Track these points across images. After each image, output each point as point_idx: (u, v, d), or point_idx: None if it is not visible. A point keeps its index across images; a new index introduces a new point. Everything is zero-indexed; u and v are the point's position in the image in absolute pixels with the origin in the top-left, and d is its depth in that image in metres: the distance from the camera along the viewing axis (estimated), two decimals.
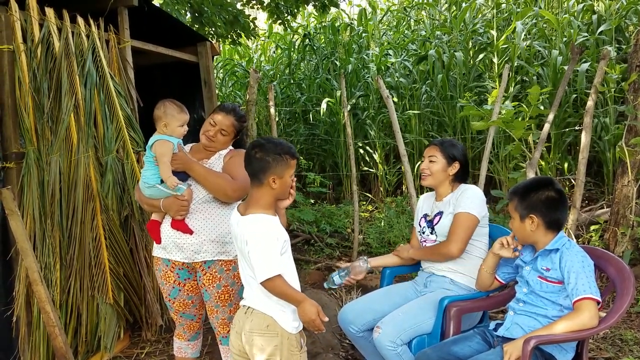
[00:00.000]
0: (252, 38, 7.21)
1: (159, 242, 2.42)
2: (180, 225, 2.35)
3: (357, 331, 2.58)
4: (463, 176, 2.69)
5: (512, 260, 2.33)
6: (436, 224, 2.65)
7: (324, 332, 1.86)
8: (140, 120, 3.58)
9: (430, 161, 2.65)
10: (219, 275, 2.39)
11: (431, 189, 2.80)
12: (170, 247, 2.40)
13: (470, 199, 2.54)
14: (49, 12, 3.15)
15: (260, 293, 1.95)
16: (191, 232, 2.35)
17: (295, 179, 2.05)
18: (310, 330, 1.90)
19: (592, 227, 4.45)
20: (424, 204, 2.83)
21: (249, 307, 1.99)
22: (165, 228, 2.41)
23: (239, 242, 1.97)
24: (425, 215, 2.76)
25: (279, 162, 1.93)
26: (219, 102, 7.59)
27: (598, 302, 1.97)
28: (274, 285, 1.85)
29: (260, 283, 1.86)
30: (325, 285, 2.65)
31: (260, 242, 1.87)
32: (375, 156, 7.32)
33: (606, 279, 3.32)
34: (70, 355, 2.80)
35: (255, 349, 1.93)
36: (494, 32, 6.67)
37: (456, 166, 2.64)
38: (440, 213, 2.65)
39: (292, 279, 1.97)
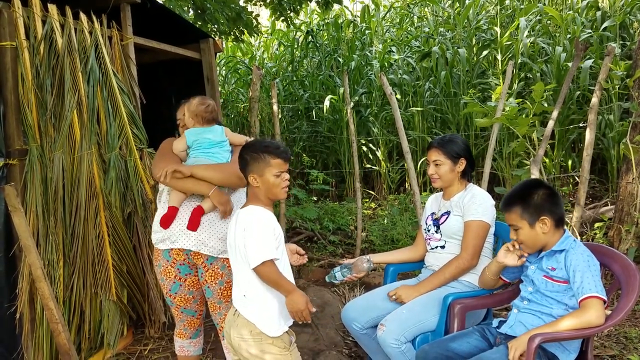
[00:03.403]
0: (255, 35, 7.20)
1: (167, 227, 2.40)
2: (197, 216, 2.37)
3: (361, 328, 2.57)
4: (470, 169, 2.68)
5: None
6: (442, 223, 2.64)
7: (309, 322, 1.93)
8: (143, 118, 3.58)
9: (436, 165, 2.63)
10: (221, 272, 2.40)
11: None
12: (176, 235, 2.39)
13: (482, 206, 2.53)
14: (52, 8, 3.15)
15: (242, 292, 2.00)
16: (195, 229, 2.36)
17: (288, 177, 2.07)
18: (302, 322, 1.93)
19: (597, 225, 4.44)
20: (432, 204, 2.83)
21: (236, 309, 2.03)
22: (181, 214, 2.41)
23: (235, 235, 1.99)
24: (432, 214, 2.75)
25: (255, 160, 2.00)
26: (222, 100, 7.59)
27: (604, 302, 1.95)
28: (267, 271, 1.89)
29: (254, 269, 1.89)
30: (326, 278, 2.65)
31: (255, 228, 1.92)
32: (379, 153, 7.31)
33: (611, 276, 3.30)
34: (74, 352, 2.80)
35: (244, 353, 1.97)
36: (497, 29, 6.65)
37: (463, 162, 2.62)
38: (448, 213, 2.64)
39: (286, 273, 2.01)
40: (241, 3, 6.56)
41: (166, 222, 2.39)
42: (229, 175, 2.40)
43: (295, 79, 8.28)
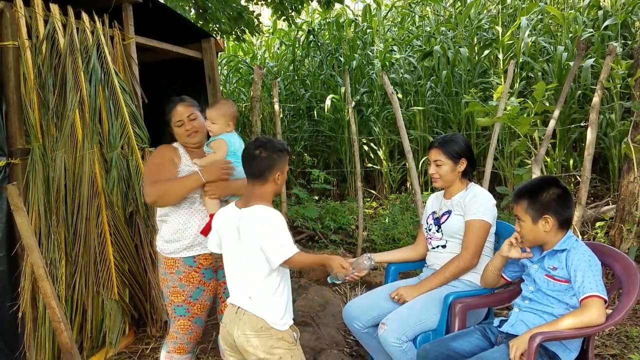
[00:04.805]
0: (256, 34, 7.20)
1: (206, 234, 2.35)
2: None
3: (362, 327, 2.58)
4: (472, 169, 2.68)
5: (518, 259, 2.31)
6: (443, 222, 2.64)
7: (350, 273, 2.09)
8: (144, 117, 3.58)
9: (437, 165, 2.63)
10: None
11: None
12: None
13: (484, 205, 2.53)
14: (54, 8, 3.15)
15: (247, 294, 2.00)
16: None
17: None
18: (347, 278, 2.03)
19: (598, 224, 4.44)
20: (433, 203, 2.83)
21: (239, 307, 2.01)
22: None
23: (241, 235, 1.99)
24: (433, 213, 2.75)
25: (280, 158, 2.03)
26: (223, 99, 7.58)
27: (605, 301, 1.95)
28: (296, 262, 1.95)
29: (280, 264, 1.93)
30: (328, 280, 2.64)
31: (275, 226, 1.94)
32: (380, 153, 7.31)
33: (612, 275, 3.31)
34: (76, 351, 2.81)
35: (252, 350, 1.97)
36: (499, 28, 6.64)
37: (463, 162, 2.62)
38: (449, 212, 2.64)
39: (286, 272, 2.04)
40: (242, 2, 6.57)
41: (208, 230, 2.32)
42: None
43: (296, 78, 8.28)
